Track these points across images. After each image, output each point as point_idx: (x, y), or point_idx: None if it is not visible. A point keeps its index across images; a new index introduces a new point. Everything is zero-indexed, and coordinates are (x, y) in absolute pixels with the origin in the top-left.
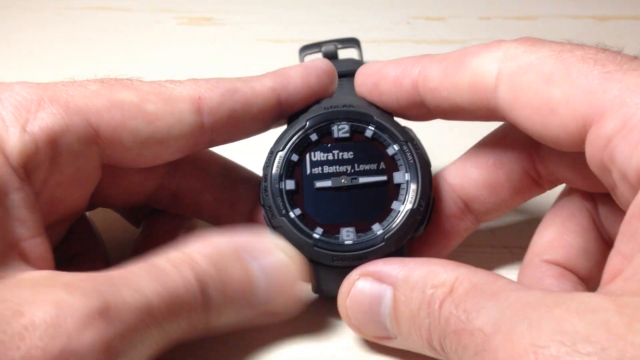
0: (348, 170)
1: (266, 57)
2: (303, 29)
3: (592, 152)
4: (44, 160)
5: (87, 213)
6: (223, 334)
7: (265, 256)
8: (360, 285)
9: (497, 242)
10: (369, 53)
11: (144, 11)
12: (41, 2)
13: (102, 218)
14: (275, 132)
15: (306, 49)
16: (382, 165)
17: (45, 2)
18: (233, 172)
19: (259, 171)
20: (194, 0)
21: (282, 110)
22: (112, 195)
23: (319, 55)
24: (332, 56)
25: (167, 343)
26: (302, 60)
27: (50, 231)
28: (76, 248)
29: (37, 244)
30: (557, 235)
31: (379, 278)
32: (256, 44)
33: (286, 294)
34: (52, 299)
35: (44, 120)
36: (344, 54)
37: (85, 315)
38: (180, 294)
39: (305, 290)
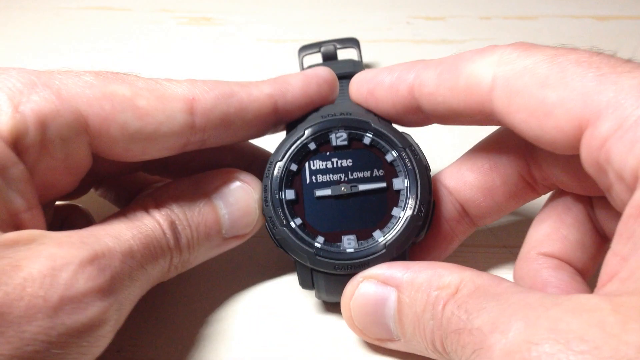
0: (347, 178)
1: (266, 57)
2: (303, 29)
3: (588, 153)
4: (35, 142)
5: (84, 207)
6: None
7: (224, 187)
8: (365, 288)
9: (497, 242)
10: (369, 53)
11: (144, 11)
12: (41, 2)
13: (99, 211)
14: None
15: (305, 49)
16: (381, 172)
17: (45, 2)
18: None
19: None
20: (194, 0)
21: (279, 118)
22: (104, 167)
23: (318, 55)
24: (331, 56)
25: (150, 283)
26: (301, 60)
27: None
28: None
29: (34, 216)
30: (553, 228)
31: (383, 280)
32: (256, 44)
33: (249, 214)
34: (45, 254)
35: (36, 103)
36: (343, 54)
37: (77, 264)
38: (156, 237)
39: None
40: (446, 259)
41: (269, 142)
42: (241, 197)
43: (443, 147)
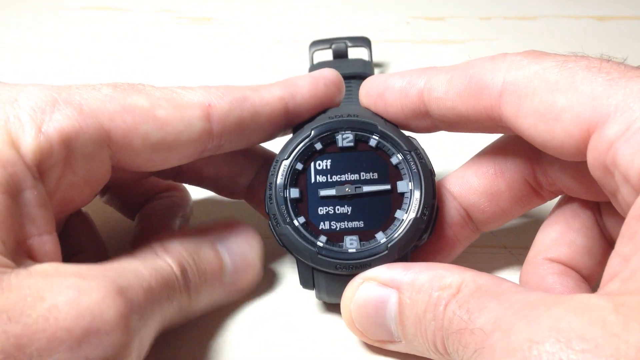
0: (352, 179)
1: (266, 57)
2: (303, 29)
3: (595, 156)
4: (58, 161)
5: (85, 209)
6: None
7: (231, 241)
8: (365, 290)
9: (497, 243)
10: None
11: (144, 11)
12: (41, 2)
13: (99, 214)
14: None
15: (316, 45)
16: (386, 175)
17: (45, 2)
18: None
19: None
20: (194, 0)
21: (289, 119)
22: (118, 174)
23: (329, 52)
24: (341, 54)
25: (164, 324)
26: (311, 55)
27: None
28: (76, 246)
29: (45, 242)
30: (561, 233)
31: (384, 282)
32: (256, 44)
33: (250, 272)
34: (68, 285)
35: (59, 121)
36: (354, 53)
37: (103, 295)
38: (169, 277)
39: (262, 269)
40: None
41: (277, 144)
42: (244, 249)
43: (448, 152)
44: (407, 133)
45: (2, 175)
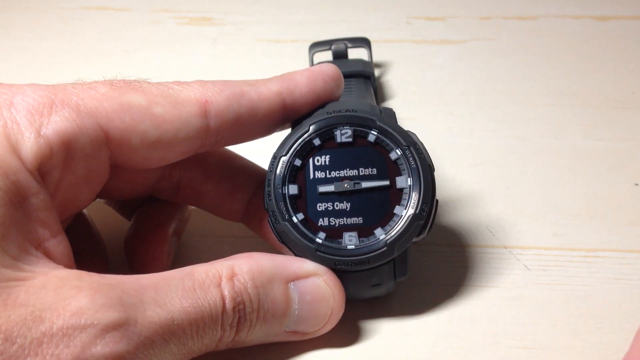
0: (351, 175)
1: (266, 57)
2: (303, 29)
3: None
4: (58, 163)
5: (85, 210)
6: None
7: (304, 280)
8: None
9: (497, 242)
10: None
11: (144, 11)
12: (41, 2)
13: (99, 214)
14: (278, 133)
15: (316, 46)
16: (385, 170)
17: (45, 2)
18: (232, 162)
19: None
20: (194, 0)
21: (287, 115)
22: (115, 189)
23: (329, 53)
24: (341, 55)
25: (187, 357)
26: (311, 57)
27: None
28: (76, 246)
29: (58, 243)
30: None
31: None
32: (256, 44)
33: (318, 318)
34: (73, 307)
35: (58, 123)
36: (353, 53)
37: (101, 327)
38: (213, 313)
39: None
40: (444, 259)
41: (276, 139)
42: (318, 298)
43: (448, 147)
44: (406, 127)
45: (5, 185)
